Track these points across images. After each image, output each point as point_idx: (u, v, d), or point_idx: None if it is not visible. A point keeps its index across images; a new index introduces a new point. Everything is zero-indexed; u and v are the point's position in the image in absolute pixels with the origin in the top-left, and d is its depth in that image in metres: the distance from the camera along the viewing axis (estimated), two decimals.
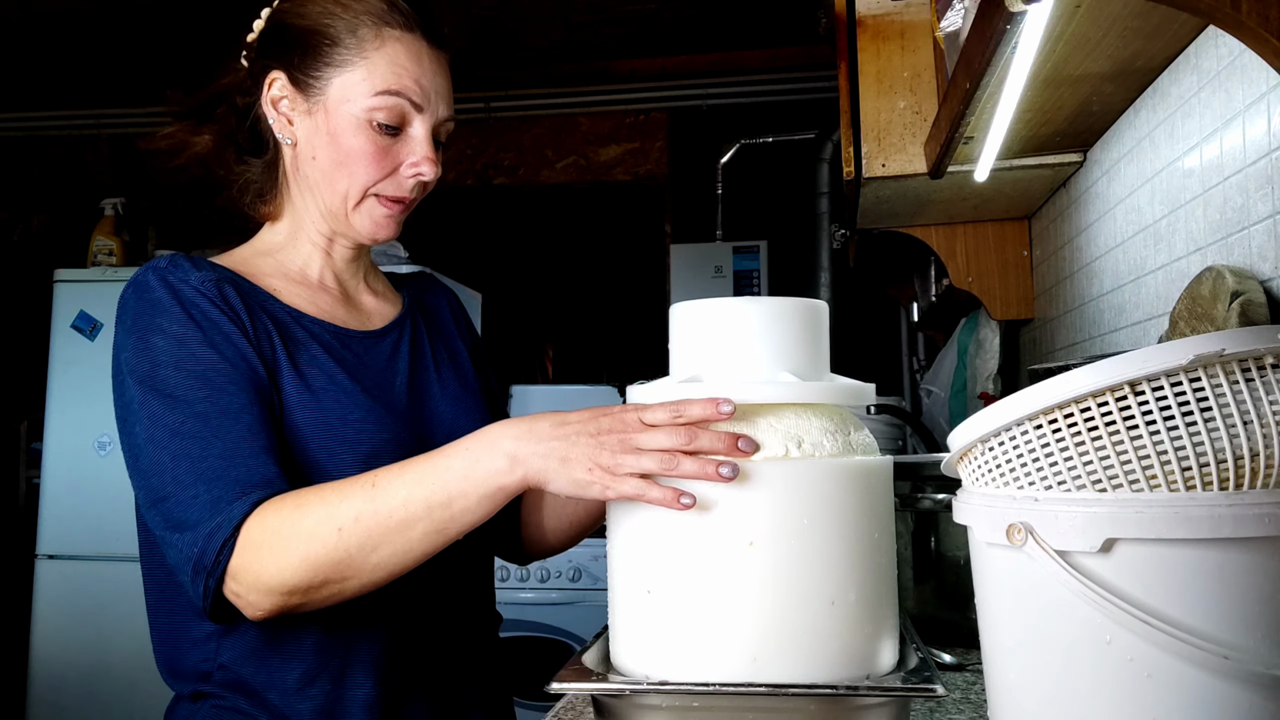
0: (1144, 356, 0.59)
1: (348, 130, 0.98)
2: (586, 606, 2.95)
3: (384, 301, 1.12)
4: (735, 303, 0.80)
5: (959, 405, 2.41)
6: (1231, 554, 0.58)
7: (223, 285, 0.96)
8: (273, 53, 1.02)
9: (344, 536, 0.81)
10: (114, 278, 3.21)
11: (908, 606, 1.31)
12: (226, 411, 0.88)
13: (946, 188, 1.85)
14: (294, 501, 0.83)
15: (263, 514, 0.83)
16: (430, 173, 1.00)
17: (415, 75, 0.98)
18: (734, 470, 0.72)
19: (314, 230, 1.05)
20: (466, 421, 1.07)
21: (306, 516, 0.82)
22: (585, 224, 5.44)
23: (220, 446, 0.86)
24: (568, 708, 1.05)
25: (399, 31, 0.98)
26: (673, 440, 0.74)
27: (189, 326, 0.92)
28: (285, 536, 0.81)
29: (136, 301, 0.94)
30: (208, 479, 0.85)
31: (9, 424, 4.00)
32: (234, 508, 0.83)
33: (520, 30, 3.68)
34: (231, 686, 0.94)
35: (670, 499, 0.73)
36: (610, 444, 0.77)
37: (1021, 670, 0.65)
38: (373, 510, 0.81)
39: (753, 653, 0.71)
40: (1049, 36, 1.12)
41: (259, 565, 0.82)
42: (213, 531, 0.82)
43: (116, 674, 3.03)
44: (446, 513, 0.81)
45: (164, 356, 0.90)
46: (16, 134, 4.33)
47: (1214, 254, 1.16)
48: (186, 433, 0.87)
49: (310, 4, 1.00)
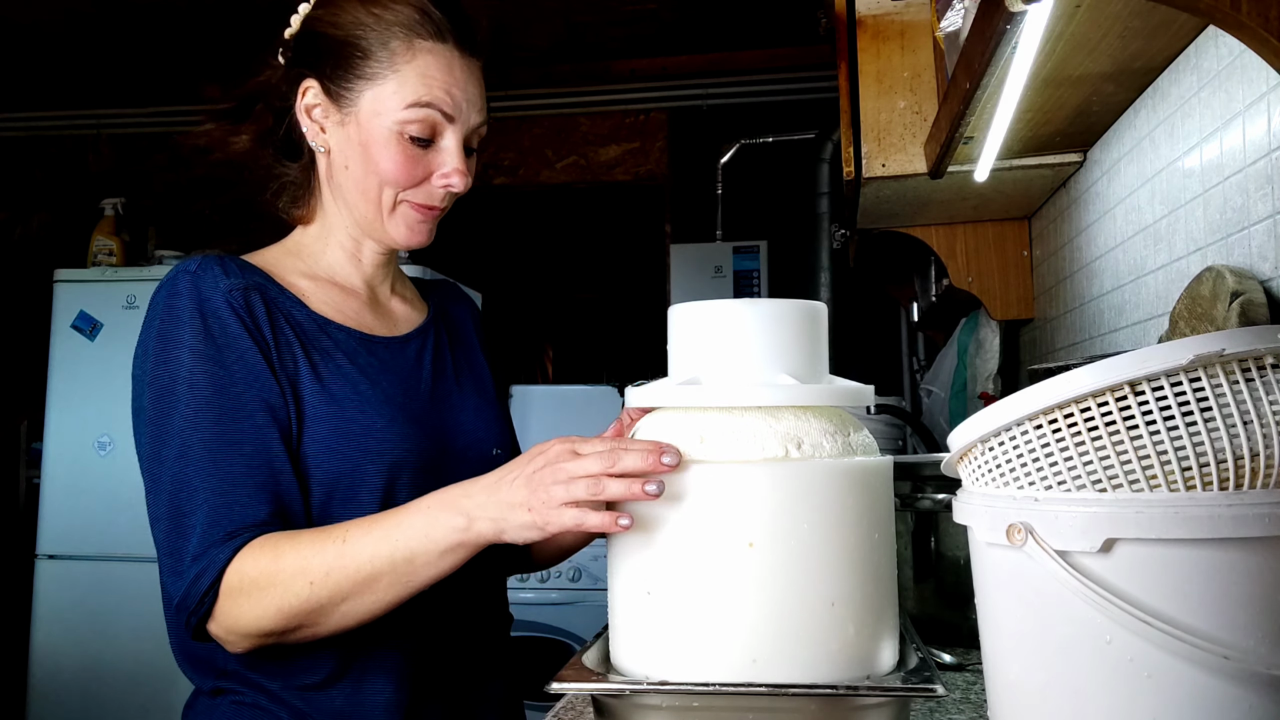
0: (1144, 356, 0.59)
1: (379, 142, 0.98)
2: (586, 606, 2.95)
3: (410, 308, 1.13)
4: (734, 304, 0.80)
5: (959, 405, 2.41)
6: (1231, 554, 0.58)
7: (249, 294, 0.97)
8: (307, 60, 1.02)
9: (315, 589, 0.85)
10: (114, 278, 3.21)
11: (908, 606, 1.31)
12: (231, 440, 0.91)
13: (946, 188, 1.85)
14: (272, 551, 0.86)
15: (242, 562, 0.86)
16: (460, 184, 1.01)
17: (446, 86, 0.98)
18: (660, 487, 0.73)
19: (344, 235, 1.06)
20: (486, 432, 1.09)
21: (282, 569, 0.85)
22: (585, 224, 5.44)
23: (217, 481, 0.89)
24: (568, 708, 1.05)
25: (430, 42, 0.98)
26: (600, 465, 0.76)
27: (208, 343, 0.93)
28: (262, 587, 0.85)
29: (164, 310, 0.95)
30: (202, 511, 0.88)
31: (9, 424, 4.01)
32: (219, 552, 0.86)
33: (520, 30, 3.68)
34: (252, 684, 0.95)
35: (608, 522, 0.75)
36: (544, 479, 0.78)
37: (1021, 670, 0.65)
38: (341, 565, 0.84)
39: (752, 653, 0.71)
40: (1049, 36, 1.12)
41: (237, 612, 0.86)
42: (199, 575, 0.86)
43: (117, 674, 3.03)
44: (409, 567, 0.84)
45: (181, 373, 0.92)
46: (16, 134, 4.33)
47: (1214, 254, 1.16)
48: (191, 457, 0.90)
49: (343, 13, 1.00)
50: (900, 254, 2.75)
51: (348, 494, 0.94)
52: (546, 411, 3.44)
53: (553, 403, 3.52)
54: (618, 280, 6.17)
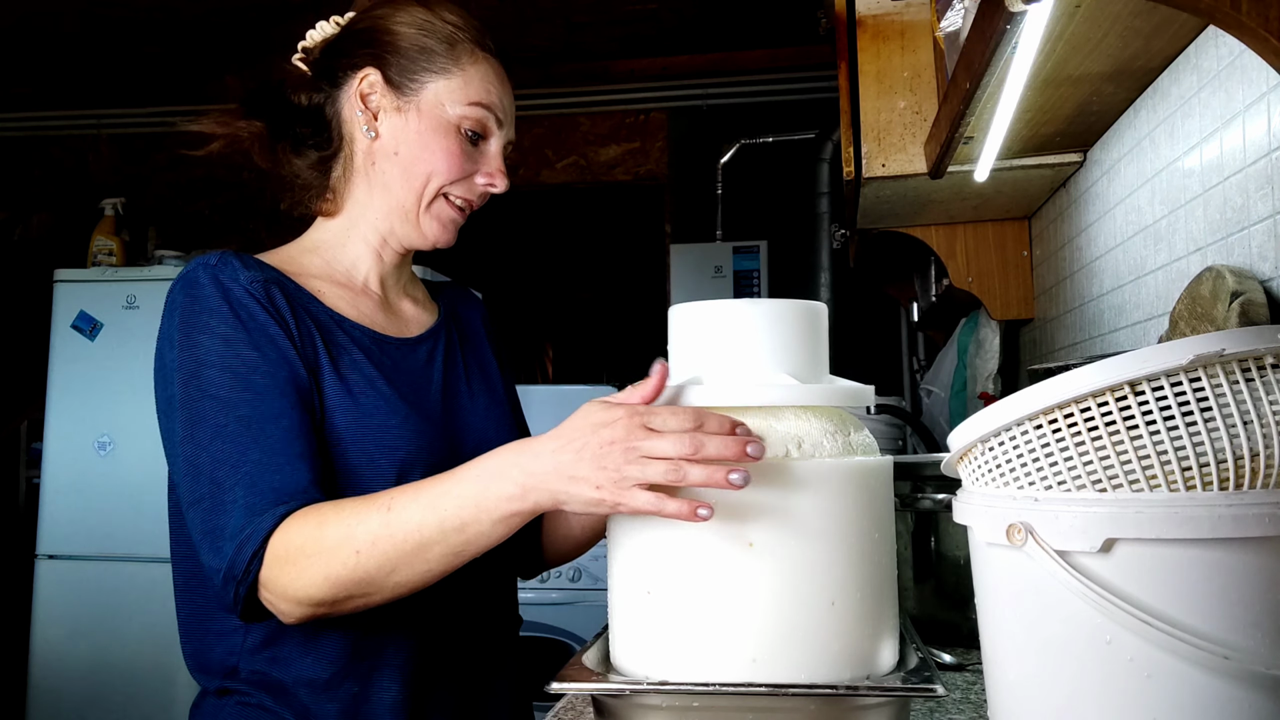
0: (1144, 356, 0.59)
1: (438, 130, 1.04)
2: (586, 606, 2.95)
3: (422, 309, 1.14)
4: (734, 304, 0.80)
5: (959, 405, 2.41)
6: (1231, 554, 0.58)
7: (269, 286, 0.97)
8: (364, 53, 1.06)
9: (361, 559, 0.82)
10: (114, 278, 3.21)
11: (908, 606, 1.31)
12: (267, 416, 0.90)
13: (946, 188, 1.85)
14: (316, 519, 0.85)
15: (287, 530, 0.85)
16: (501, 185, 1.07)
17: (500, 95, 1.07)
18: (745, 478, 0.71)
19: (370, 229, 1.07)
20: (496, 433, 1.10)
21: (326, 537, 0.83)
22: (585, 224, 5.44)
23: (257, 453, 0.88)
24: (568, 708, 1.05)
25: (488, 54, 1.07)
26: (679, 448, 0.72)
27: (235, 327, 0.93)
28: (308, 555, 0.83)
29: (185, 299, 0.95)
30: (244, 485, 0.87)
31: (9, 424, 4.01)
32: (263, 520, 0.85)
33: (520, 30, 3.68)
34: (258, 684, 0.95)
35: (687, 512, 0.71)
36: (614, 456, 0.74)
37: (1021, 670, 0.65)
38: (388, 535, 0.82)
39: (753, 653, 0.71)
40: (1049, 36, 1.12)
41: (286, 580, 0.84)
42: (243, 542, 0.85)
43: (117, 674, 3.03)
44: (461, 537, 0.81)
45: (210, 357, 0.92)
46: (16, 134, 4.33)
47: (1214, 254, 1.16)
48: (227, 435, 0.89)
49: (409, 13, 1.06)
50: (900, 254, 2.75)
51: (359, 488, 0.94)
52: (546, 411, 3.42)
53: (553, 402, 3.52)
54: (618, 280, 6.17)
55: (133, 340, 3.12)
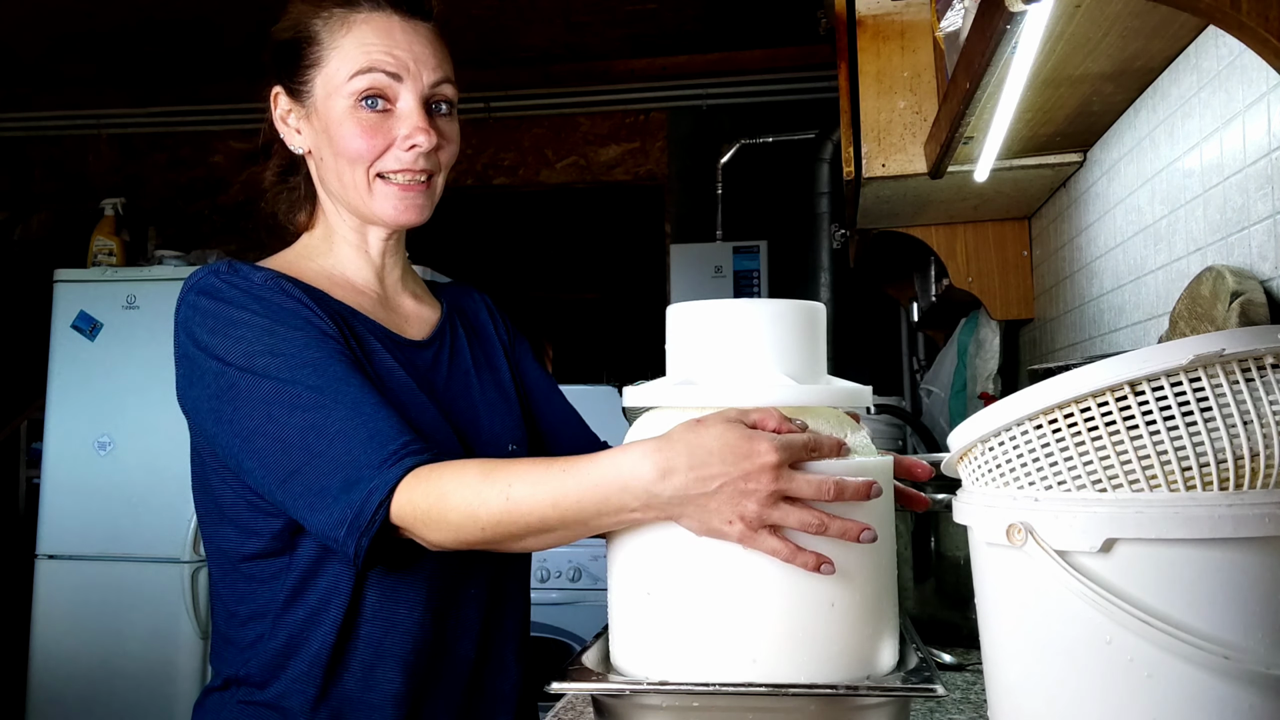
0: (1144, 356, 0.59)
1: (336, 121, 1.00)
2: (586, 606, 2.95)
3: (423, 305, 1.14)
4: (732, 304, 0.80)
5: (959, 405, 2.41)
6: (1231, 554, 0.58)
7: (283, 282, 0.98)
8: (272, 70, 1.05)
9: (487, 533, 0.82)
10: (114, 278, 3.21)
11: (908, 606, 1.31)
12: (336, 378, 0.90)
13: (946, 188, 1.85)
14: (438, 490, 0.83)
15: (411, 491, 0.83)
16: (426, 141, 0.99)
17: (386, 48, 0.99)
18: (875, 535, 0.72)
19: (347, 229, 1.07)
20: (502, 428, 1.09)
21: (450, 510, 0.82)
22: (585, 224, 5.44)
23: (341, 410, 0.88)
24: (568, 708, 1.05)
25: (365, 13, 1.00)
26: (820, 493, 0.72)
27: (271, 317, 0.93)
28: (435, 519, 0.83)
29: (209, 302, 0.95)
30: (340, 441, 0.86)
31: (9, 424, 4.01)
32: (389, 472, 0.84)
33: (520, 30, 3.68)
34: (259, 680, 0.96)
35: (812, 564, 0.71)
36: (758, 495, 0.71)
37: (1021, 670, 0.65)
38: (510, 520, 0.81)
39: (752, 653, 0.71)
40: (1049, 36, 1.12)
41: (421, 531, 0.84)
42: (370, 492, 0.83)
43: (117, 674, 3.03)
44: (584, 528, 0.80)
45: (257, 347, 0.92)
46: (16, 134, 4.33)
47: (1214, 254, 1.16)
48: (305, 405, 0.88)
49: (288, 14, 1.03)
50: (900, 254, 2.75)
51: None
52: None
53: None
54: (618, 280, 6.16)
55: (133, 340, 3.12)
